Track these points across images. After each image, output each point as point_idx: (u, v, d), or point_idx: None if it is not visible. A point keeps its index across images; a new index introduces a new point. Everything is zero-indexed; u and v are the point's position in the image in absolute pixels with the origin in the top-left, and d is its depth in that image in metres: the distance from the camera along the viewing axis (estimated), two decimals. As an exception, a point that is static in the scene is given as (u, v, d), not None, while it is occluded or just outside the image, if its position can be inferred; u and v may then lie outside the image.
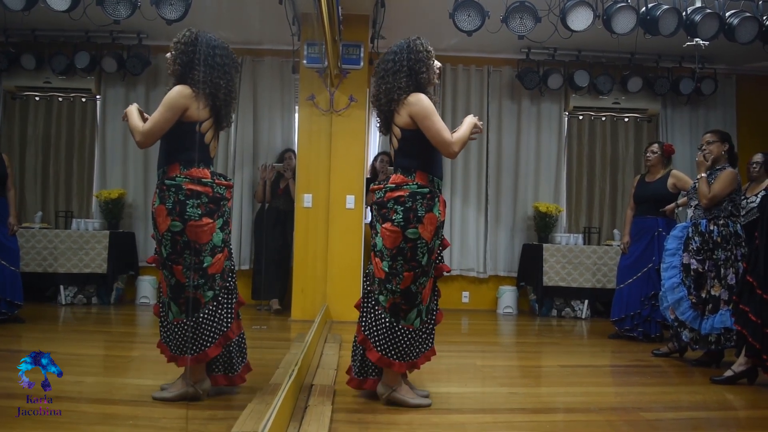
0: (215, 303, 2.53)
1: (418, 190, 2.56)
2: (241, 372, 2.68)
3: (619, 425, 2.53)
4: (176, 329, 2.51)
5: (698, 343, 3.69)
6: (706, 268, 3.69)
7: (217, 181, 2.53)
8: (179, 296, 2.49)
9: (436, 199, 2.59)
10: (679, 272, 3.82)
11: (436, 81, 2.73)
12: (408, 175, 2.60)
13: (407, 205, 2.54)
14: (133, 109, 2.56)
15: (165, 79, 2.69)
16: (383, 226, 2.58)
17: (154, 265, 2.61)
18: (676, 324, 3.82)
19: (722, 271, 3.63)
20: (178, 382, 2.55)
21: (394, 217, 2.55)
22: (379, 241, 2.61)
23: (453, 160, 5.66)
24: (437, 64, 2.71)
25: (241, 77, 6.04)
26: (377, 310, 2.62)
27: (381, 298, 2.60)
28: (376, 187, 2.69)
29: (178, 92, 2.48)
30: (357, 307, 2.79)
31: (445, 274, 2.75)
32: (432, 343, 2.75)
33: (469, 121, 2.69)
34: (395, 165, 2.70)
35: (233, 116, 2.86)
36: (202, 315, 2.49)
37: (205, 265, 2.48)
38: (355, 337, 2.77)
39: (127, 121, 2.54)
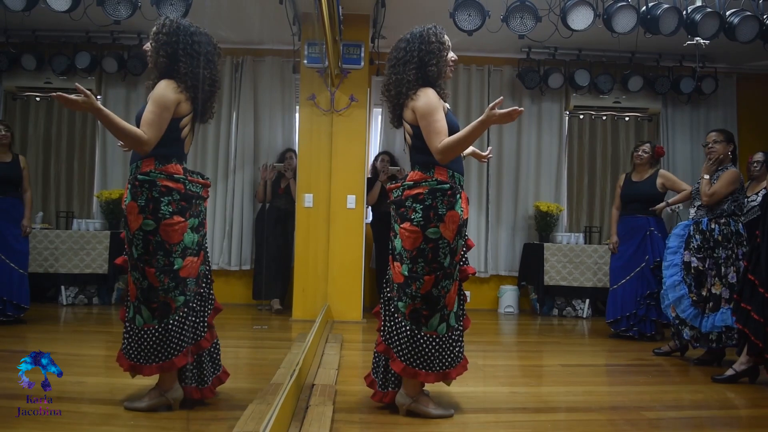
0: (186, 309, 2.37)
1: (438, 186, 2.39)
2: (211, 384, 2.50)
3: (620, 424, 2.53)
4: (144, 335, 2.35)
5: (699, 341, 3.70)
6: (706, 266, 3.69)
7: (190, 178, 2.38)
8: (152, 300, 2.33)
9: (458, 196, 2.41)
10: (680, 270, 3.82)
11: (450, 74, 2.56)
12: (426, 171, 2.43)
13: (427, 203, 2.38)
14: (94, 99, 2.12)
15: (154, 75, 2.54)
16: (402, 226, 2.42)
17: (123, 266, 2.43)
18: (677, 322, 3.82)
19: (723, 269, 3.63)
20: (151, 392, 2.41)
21: (413, 217, 2.38)
22: (398, 243, 2.45)
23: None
24: (452, 56, 2.54)
25: (241, 77, 6.05)
26: (397, 317, 2.46)
27: (400, 304, 2.44)
28: (393, 186, 2.53)
29: (170, 89, 2.34)
30: (375, 314, 2.65)
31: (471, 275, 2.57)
32: (463, 351, 2.56)
33: (482, 118, 2.30)
34: (412, 162, 2.53)
35: (216, 108, 2.61)
36: (171, 321, 2.34)
37: (175, 267, 2.33)
38: (376, 345, 2.64)
39: (111, 124, 2.21)
